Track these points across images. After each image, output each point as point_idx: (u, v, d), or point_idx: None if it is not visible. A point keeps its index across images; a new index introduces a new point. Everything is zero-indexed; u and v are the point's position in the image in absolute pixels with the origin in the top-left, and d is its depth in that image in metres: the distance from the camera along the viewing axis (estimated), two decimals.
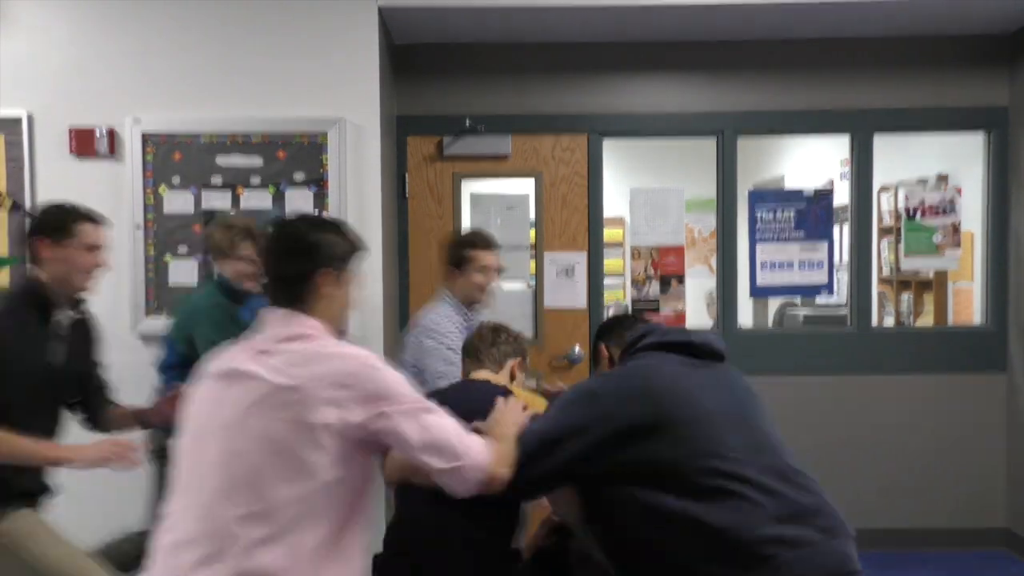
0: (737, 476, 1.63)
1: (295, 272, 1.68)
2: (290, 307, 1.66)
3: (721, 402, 1.75)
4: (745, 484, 1.62)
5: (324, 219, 1.89)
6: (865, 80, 3.97)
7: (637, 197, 4.12)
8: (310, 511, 1.53)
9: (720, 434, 1.68)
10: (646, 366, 1.83)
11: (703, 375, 1.81)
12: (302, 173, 3.34)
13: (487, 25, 3.69)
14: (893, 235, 5.19)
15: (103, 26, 3.32)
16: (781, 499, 1.63)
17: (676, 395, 1.73)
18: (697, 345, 1.86)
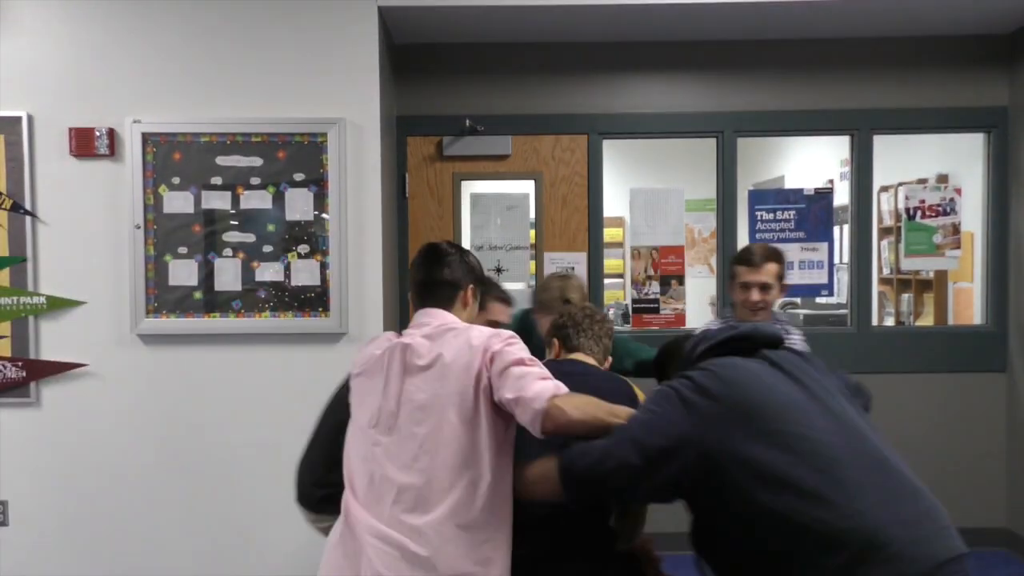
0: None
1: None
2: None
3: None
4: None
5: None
6: (865, 80, 3.97)
7: (637, 197, 4.12)
8: None
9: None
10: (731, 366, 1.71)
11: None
12: (302, 173, 3.34)
13: (487, 25, 3.69)
14: (893, 235, 5.19)
15: (103, 26, 3.32)
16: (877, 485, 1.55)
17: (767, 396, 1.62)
18: (753, 337, 1.77)
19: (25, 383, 3.33)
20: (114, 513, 3.39)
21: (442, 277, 1.97)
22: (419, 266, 2.01)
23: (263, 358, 3.38)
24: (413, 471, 1.75)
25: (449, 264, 1.97)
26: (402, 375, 1.83)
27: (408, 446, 1.77)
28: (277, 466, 3.40)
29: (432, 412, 1.77)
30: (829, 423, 1.59)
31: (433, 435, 1.75)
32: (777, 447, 1.53)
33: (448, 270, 1.97)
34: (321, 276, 3.35)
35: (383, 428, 1.81)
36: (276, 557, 3.41)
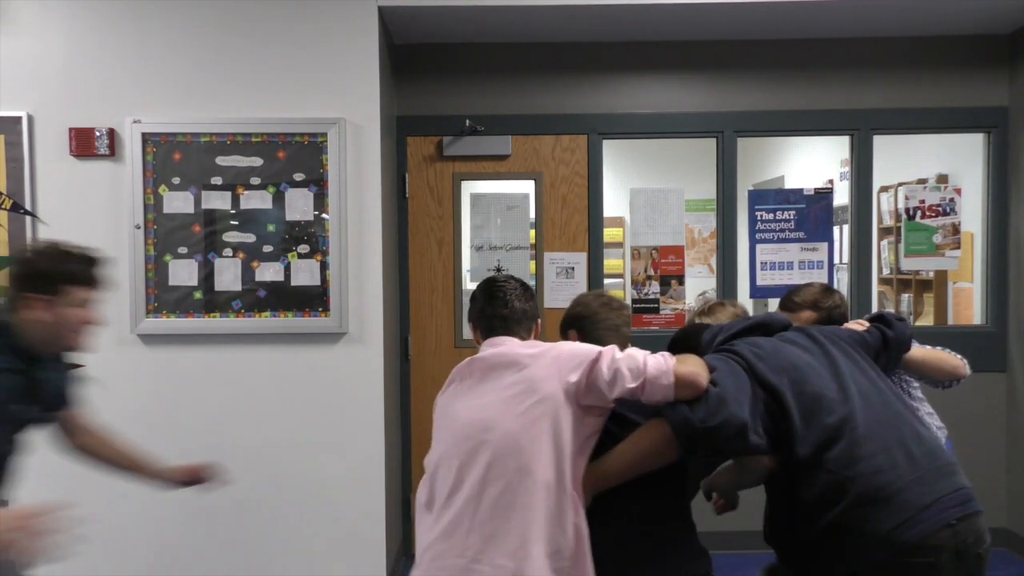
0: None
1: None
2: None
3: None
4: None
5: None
6: (865, 80, 3.97)
7: (637, 197, 4.12)
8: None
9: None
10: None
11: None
12: (302, 173, 3.34)
13: (487, 25, 3.69)
14: (893, 235, 5.19)
15: (103, 26, 3.32)
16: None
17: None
18: (769, 325, 2.07)
19: None
20: (114, 513, 3.39)
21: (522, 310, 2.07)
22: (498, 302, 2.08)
23: (263, 358, 3.38)
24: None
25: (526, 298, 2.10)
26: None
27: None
28: (277, 466, 3.40)
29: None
30: (837, 383, 1.88)
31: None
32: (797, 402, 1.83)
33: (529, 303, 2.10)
34: (321, 276, 3.35)
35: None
36: (276, 557, 3.41)
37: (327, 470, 3.39)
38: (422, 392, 4.02)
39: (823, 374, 1.89)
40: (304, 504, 3.39)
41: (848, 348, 2.02)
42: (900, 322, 2.21)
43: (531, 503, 1.76)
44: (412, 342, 4.02)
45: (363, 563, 3.40)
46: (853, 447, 1.77)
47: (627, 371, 1.79)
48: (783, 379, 1.85)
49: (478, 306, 2.08)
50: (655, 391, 1.78)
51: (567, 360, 1.84)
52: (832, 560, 1.78)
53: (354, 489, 3.39)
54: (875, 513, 1.71)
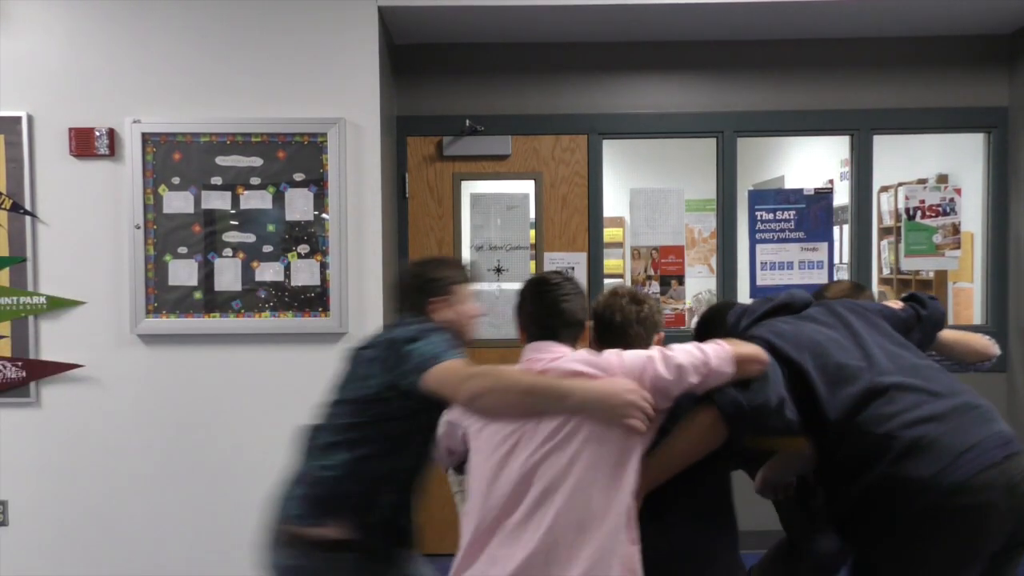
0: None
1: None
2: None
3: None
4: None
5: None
6: (865, 80, 3.97)
7: (637, 197, 4.12)
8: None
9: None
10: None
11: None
12: (302, 173, 3.34)
13: (487, 25, 3.69)
14: (893, 235, 5.19)
15: (103, 26, 3.32)
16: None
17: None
18: (792, 304, 2.12)
19: (25, 383, 3.33)
20: (114, 513, 3.40)
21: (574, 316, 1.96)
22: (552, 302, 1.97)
23: (263, 358, 3.38)
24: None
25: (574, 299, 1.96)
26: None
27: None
28: (277, 466, 3.40)
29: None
30: (860, 350, 1.94)
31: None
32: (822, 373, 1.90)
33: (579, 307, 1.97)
34: (321, 276, 3.35)
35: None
36: None
37: None
38: None
39: (846, 345, 1.95)
40: None
41: (873, 318, 2.06)
42: (932, 300, 2.24)
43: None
44: None
45: None
46: (885, 405, 1.82)
47: (689, 366, 1.78)
48: (804, 355, 1.90)
49: (526, 308, 1.98)
50: (717, 379, 1.79)
51: (629, 375, 1.79)
52: (881, 513, 1.80)
53: None
54: (917, 462, 1.74)
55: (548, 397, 1.75)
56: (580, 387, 1.75)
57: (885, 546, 1.80)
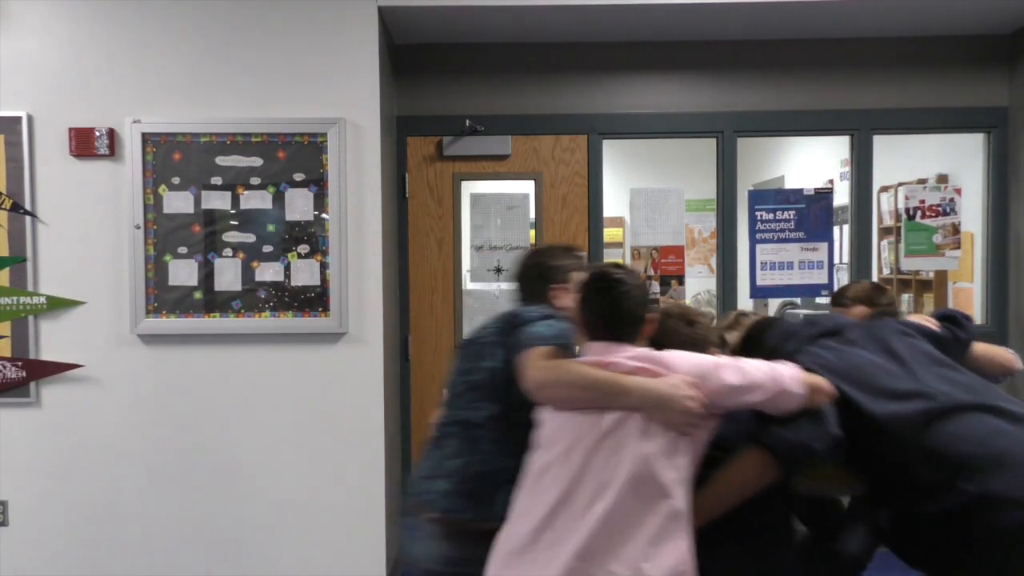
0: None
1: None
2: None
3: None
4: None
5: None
6: (865, 80, 3.97)
7: (637, 197, 4.12)
8: None
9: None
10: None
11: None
12: (302, 173, 3.34)
13: (487, 25, 3.69)
14: (893, 235, 5.19)
15: (103, 26, 3.32)
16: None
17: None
18: (838, 330, 2.09)
19: (25, 383, 3.33)
20: (114, 513, 3.40)
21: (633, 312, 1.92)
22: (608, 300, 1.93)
23: (263, 358, 3.38)
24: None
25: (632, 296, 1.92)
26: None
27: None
28: (277, 466, 3.40)
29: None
30: (909, 374, 1.93)
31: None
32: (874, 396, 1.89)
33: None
34: (321, 276, 3.35)
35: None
36: (276, 557, 3.41)
37: (327, 470, 3.39)
38: (422, 392, 4.02)
39: (894, 371, 1.93)
40: (304, 504, 3.39)
41: (916, 341, 2.05)
42: (968, 320, 2.23)
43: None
44: (412, 342, 4.02)
45: (363, 564, 3.40)
46: (953, 425, 1.80)
47: (759, 381, 1.75)
48: (854, 387, 1.88)
49: (587, 306, 1.91)
50: (785, 401, 1.76)
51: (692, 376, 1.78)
52: (961, 535, 1.76)
53: (354, 489, 3.39)
54: (1000, 479, 1.72)
55: (609, 392, 1.75)
56: (640, 384, 1.75)
57: (967, 570, 1.77)
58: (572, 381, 1.79)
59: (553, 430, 1.83)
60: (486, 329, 2.13)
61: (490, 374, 2.03)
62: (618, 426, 1.75)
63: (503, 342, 2.02)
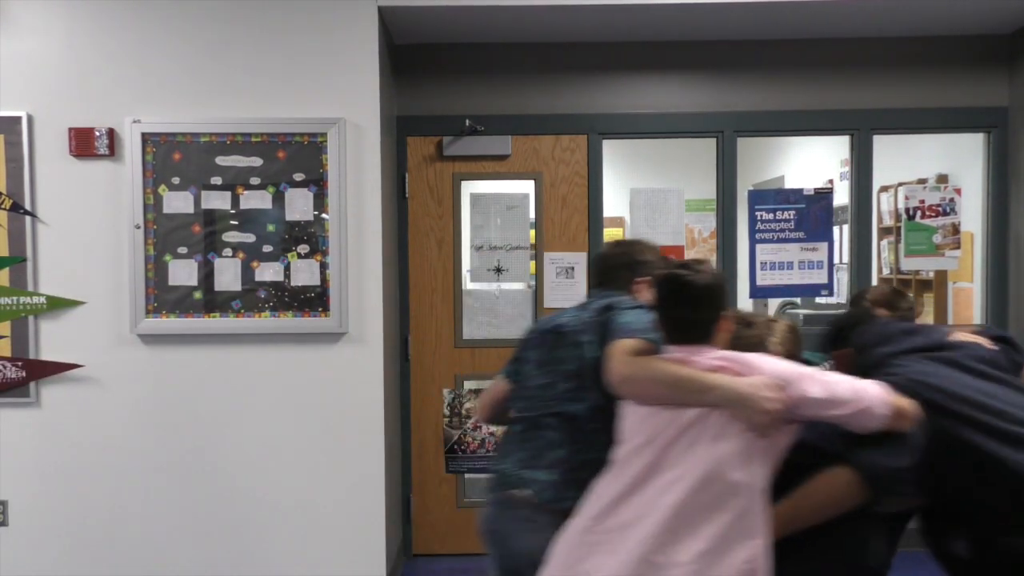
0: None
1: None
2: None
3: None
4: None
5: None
6: (865, 80, 3.97)
7: (637, 197, 4.12)
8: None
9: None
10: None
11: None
12: (302, 173, 3.34)
13: (487, 25, 3.69)
14: (893, 235, 5.19)
15: (103, 26, 3.32)
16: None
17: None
18: (939, 347, 1.98)
19: (25, 383, 3.33)
20: (114, 513, 3.40)
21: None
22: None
23: (263, 358, 3.38)
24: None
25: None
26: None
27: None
28: (277, 466, 3.40)
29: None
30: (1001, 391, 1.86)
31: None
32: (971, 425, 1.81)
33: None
34: (321, 276, 3.35)
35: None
36: (276, 556, 3.41)
37: (327, 470, 3.39)
38: (422, 392, 4.02)
39: (1005, 407, 1.84)
40: (304, 504, 3.39)
41: (986, 368, 1.96)
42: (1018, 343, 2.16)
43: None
44: (412, 342, 4.02)
45: (363, 563, 3.40)
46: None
47: (844, 397, 1.72)
48: (963, 407, 1.81)
49: (659, 306, 1.89)
50: (867, 421, 1.72)
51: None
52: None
53: (354, 489, 3.39)
54: None
55: (691, 389, 1.75)
56: (723, 382, 1.74)
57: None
58: (655, 377, 1.79)
59: (633, 423, 1.83)
60: (575, 317, 2.12)
61: (591, 364, 2.02)
62: (696, 423, 1.74)
63: (598, 328, 2.02)
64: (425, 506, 4.03)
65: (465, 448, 4.00)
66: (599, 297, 2.15)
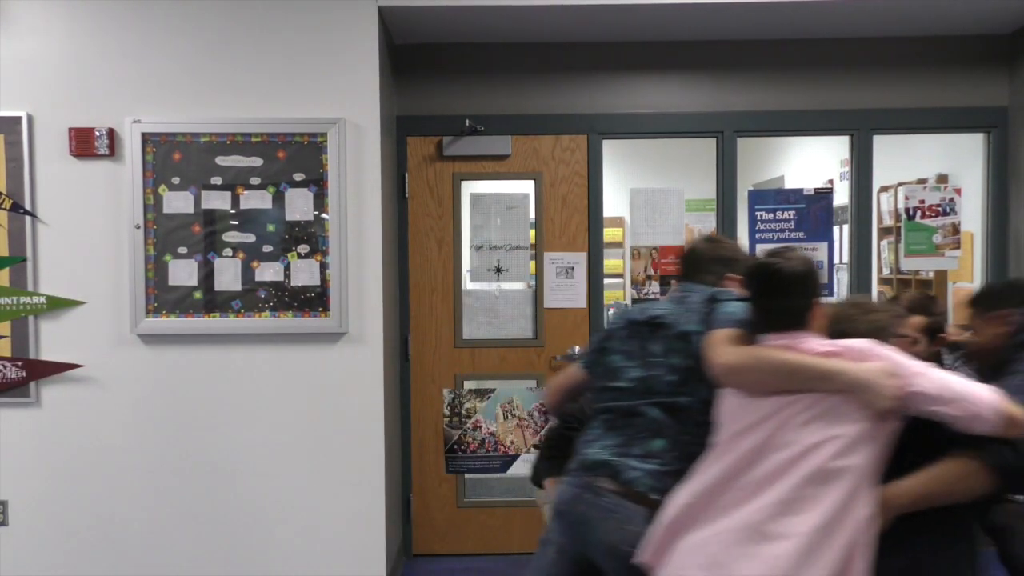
0: None
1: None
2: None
3: None
4: None
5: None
6: (865, 80, 3.97)
7: (637, 197, 4.12)
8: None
9: None
10: None
11: None
12: (302, 173, 3.34)
13: (487, 25, 3.69)
14: (893, 235, 5.19)
15: (103, 26, 3.32)
16: None
17: None
18: None
19: (25, 383, 3.33)
20: (114, 513, 3.40)
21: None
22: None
23: (263, 358, 3.38)
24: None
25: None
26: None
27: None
28: (277, 466, 3.40)
29: None
30: None
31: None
32: None
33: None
34: (321, 276, 3.35)
35: None
36: (276, 556, 3.41)
37: (327, 470, 3.39)
38: (422, 392, 4.02)
39: None
40: (304, 504, 3.39)
41: None
42: None
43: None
44: (412, 342, 4.02)
45: (363, 563, 3.40)
46: None
47: (958, 399, 1.73)
48: None
49: (753, 296, 1.92)
50: (974, 426, 1.74)
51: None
52: None
53: (354, 489, 3.39)
54: None
55: (811, 376, 1.77)
56: (847, 368, 1.76)
57: None
58: (766, 365, 1.80)
59: (735, 408, 1.86)
60: (673, 310, 2.12)
61: (686, 352, 2.03)
62: (810, 406, 1.77)
63: (702, 316, 2.03)
64: (425, 506, 4.03)
65: (465, 448, 4.00)
66: (693, 291, 2.15)
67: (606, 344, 2.23)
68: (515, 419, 3.99)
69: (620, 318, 2.26)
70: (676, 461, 2.00)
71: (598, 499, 2.02)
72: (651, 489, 1.98)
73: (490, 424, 3.99)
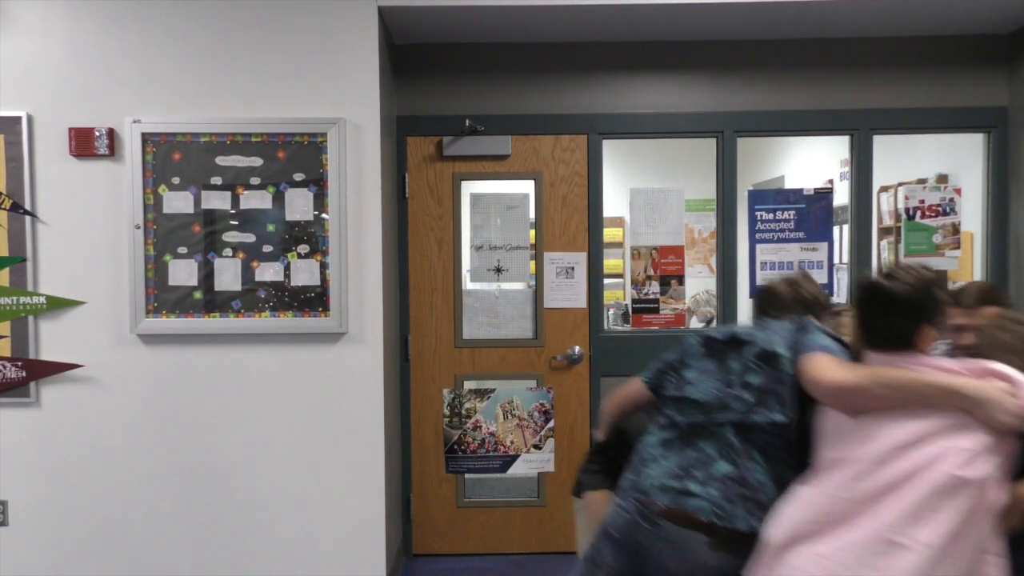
0: None
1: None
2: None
3: None
4: None
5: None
6: (865, 80, 3.97)
7: (637, 197, 4.12)
8: None
9: None
10: None
11: None
12: (302, 173, 3.34)
13: (487, 25, 3.69)
14: (893, 235, 5.19)
15: (103, 26, 3.32)
16: None
17: None
18: None
19: (25, 383, 3.33)
20: (114, 513, 3.40)
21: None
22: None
23: (263, 358, 3.38)
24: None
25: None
26: None
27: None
28: (277, 465, 3.40)
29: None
30: None
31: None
32: None
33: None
34: (321, 276, 3.35)
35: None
36: (275, 556, 3.41)
37: (327, 470, 3.39)
38: (422, 392, 4.02)
39: None
40: (304, 504, 3.39)
41: None
42: None
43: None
44: (412, 342, 4.02)
45: (363, 563, 3.40)
46: None
47: None
48: None
49: (860, 312, 1.93)
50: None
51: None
52: None
53: (354, 489, 3.39)
54: None
55: (932, 395, 1.77)
56: (970, 385, 1.77)
57: None
58: (888, 383, 1.80)
59: (841, 428, 1.86)
60: (761, 331, 2.12)
61: (789, 381, 1.99)
62: (931, 423, 1.77)
63: (790, 343, 2.03)
64: (425, 506, 4.03)
65: (465, 448, 4.00)
66: (773, 324, 2.17)
67: (679, 359, 2.21)
68: (515, 419, 3.99)
69: (697, 337, 2.24)
70: (740, 487, 1.95)
71: (656, 528, 1.96)
72: (714, 516, 1.93)
73: (490, 424, 3.99)
